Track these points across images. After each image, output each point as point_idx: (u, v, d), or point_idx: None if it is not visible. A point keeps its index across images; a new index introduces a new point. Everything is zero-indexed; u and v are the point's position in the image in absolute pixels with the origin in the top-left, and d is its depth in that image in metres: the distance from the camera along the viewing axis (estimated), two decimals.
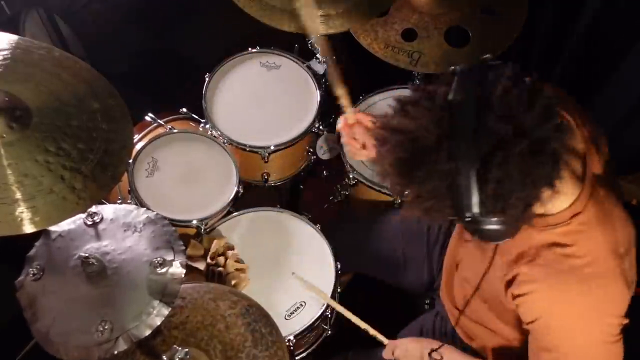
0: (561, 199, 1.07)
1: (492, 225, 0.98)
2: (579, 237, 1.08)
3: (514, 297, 1.16)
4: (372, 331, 1.60)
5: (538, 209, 1.04)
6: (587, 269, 1.07)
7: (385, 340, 1.59)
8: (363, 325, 1.61)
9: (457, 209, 0.95)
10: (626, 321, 1.11)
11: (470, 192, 0.90)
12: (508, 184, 0.90)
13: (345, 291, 1.83)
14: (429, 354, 1.43)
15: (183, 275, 1.36)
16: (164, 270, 1.36)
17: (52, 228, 1.40)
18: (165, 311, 1.31)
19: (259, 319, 1.46)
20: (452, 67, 0.97)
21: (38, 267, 1.35)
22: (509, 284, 1.17)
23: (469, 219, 0.96)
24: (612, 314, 1.09)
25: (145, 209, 1.47)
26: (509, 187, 0.90)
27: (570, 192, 1.07)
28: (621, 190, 1.21)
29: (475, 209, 0.93)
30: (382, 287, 1.89)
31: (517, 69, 0.96)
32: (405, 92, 2.03)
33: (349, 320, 1.65)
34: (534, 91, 0.91)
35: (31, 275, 1.34)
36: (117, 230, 1.43)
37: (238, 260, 1.74)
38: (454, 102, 0.91)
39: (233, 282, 1.68)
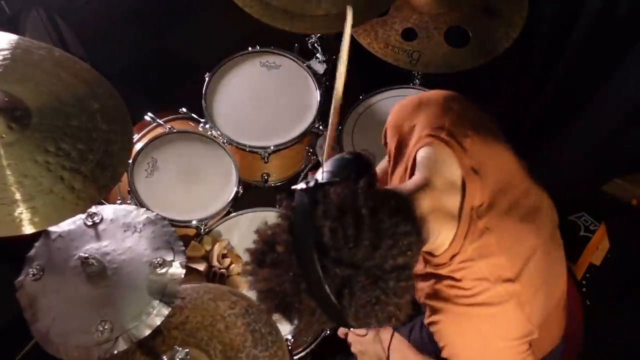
0: (441, 240, 1.10)
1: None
2: (463, 273, 1.11)
3: (428, 325, 1.20)
4: None
5: (425, 247, 1.10)
6: (475, 299, 1.10)
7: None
8: None
9: (342, 327, 1.04)
10: (527, 342, 1.14)
11: (342, 317, 0.96)
12: (364, 311, 0.95)
13: None
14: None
15: (183, 276, 1.37)
16: (163, 270, 1.36)
17: (52, 228, 1.40)
18: (165, 311, 1.32)
19: (259, 319, 1.46)
20: (280, 200, 1.03)
21: (38, 267, 1.36)
22: (427, 311, 1.21)
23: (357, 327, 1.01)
24: (509, 337, 1.13)
25: (145, 209, 1.47)
26: (366, 314, 0.95)
27: (447, 233, 1.09)
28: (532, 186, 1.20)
29: (354, 324, 0.98)
30: None
31: (342, 187, 0.98)
32: (405, 92, 2.04)
33: None
34: (359, 221, 0.94)
35: (31, 275, 1.34)
36: (117, 230, 1.43)
37: (238, 256, 1.74)
38: (297, 247, 0.96)
39: (234, 284, 1.68)
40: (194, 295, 1.51)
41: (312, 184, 1.00)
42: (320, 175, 1.03)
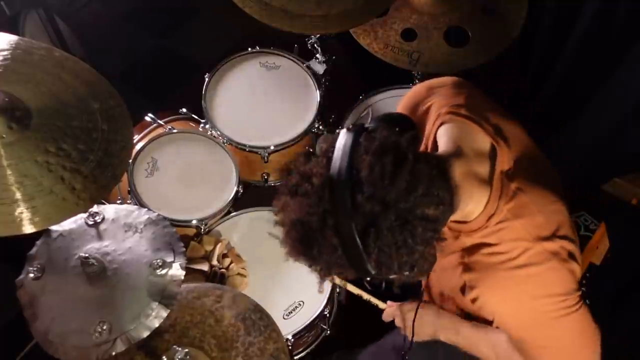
0: (473, 205, 1.11)
1: (401, 277, 1.03)
2: (500, 234, 1.12)
3: (472, 302, 1.20)
4: (367, 296, 1.57)
5: (457, 216, 1.11)
6: (515, 261, 1.11)
7: (383, 305, 1.56)
8: (356, 290, 1.58)
9: (358, 274, 1.01)
10: (579, 293, 1.13)
11: (362, 261, 0.96)
12: (387, 254, 0.95)
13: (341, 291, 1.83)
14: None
15: (182, 278, 1.37)
16: (163, 272, 1.36)
17: (54, 227, 1.40)
18: (164, 313, 1.31)
19: (247, 307, 1.46)
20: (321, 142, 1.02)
21: (38, 266, 1.36)
22: (462, 291, 1.21)
23: (373, 277, 1.01)
24: (554, 293, 1.12)
25: (146, 209, 1.47)
26: (389, 256, 0.96)
27: (480, 198, 1.11)
28: (544, 163, 1.23)
29: (372, 272, 0.98)
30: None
31: (387, 132, 1.01)
32: (405, 92, 2.04)
33: (348, 318, 1.64)
34: (399, 162, 0.95)
35: (31, 274, 1.34)
36: (118, 230, 1.43)
37: (238, 256, 1.74)
38: (331, 180, 0.96)
39: (233, 284, 1.68)
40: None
41: (358, 127, 1.01)
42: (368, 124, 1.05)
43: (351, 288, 1.60)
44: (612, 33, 1.93)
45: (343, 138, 1.00)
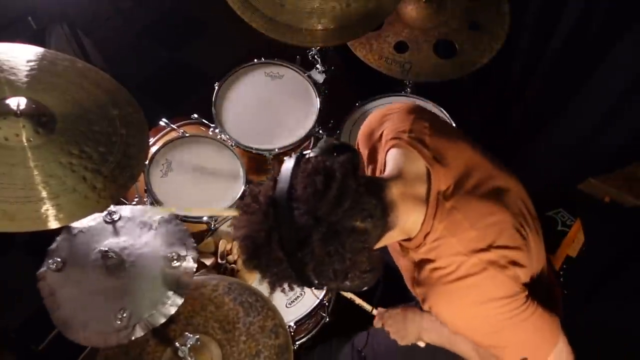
0: (411, 224, 1.11)
1: (345, 285, 1.04)
2: (438, 251, 1.11)
3: (429, 310, 1.18)
4: (358, 300, 1.56)
5: (398, 235, 1.13)
6: (455, 274, 1.10)
7: (372, 309, 1.55)
8: (349, 295, 1.58)
9: (304, 284, 1.03)
10: (524, 294, 1.11)
11: (304, 271, 0.99)
12: (321, 263, 0.98)
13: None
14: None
15: (195, 269, 1.37)
16: (177, 264, 1.36)
17: (74, 224, 1.40)
18: (179, 301, 1.32)
19: (243, 291, 1.47)
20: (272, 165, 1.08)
21: (59, 259, 1.35)
22: (421, 302, 1.20)
23: (317, 287, 1.03)
24: (497, 297, 1.10)
25: (161, 204, 1.46)
26: (323, 265, 0.98)
27: (417, 217, 1.11)
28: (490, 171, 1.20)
29: (314, 281, 1.01)
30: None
31: (322, 156, 1.06)
32: (397, 100, 2.04)
33: (345, 307, 1.63)
34: (328, 180, 0.99)
35: (53, 267, 1.34)
36: (134, 227, 1.43)
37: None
38: (274, 200, 1.00)
39: (243, 278, 1.68)
40: None
41: (298, 154, 1.06)
42: (309, 152, 1.10)
43: (344, 292, 1.59)
44: (587, 43, 1.93)
45: (287, 163, 1.05)
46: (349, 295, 1.57)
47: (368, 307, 1.55)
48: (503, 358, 1.18)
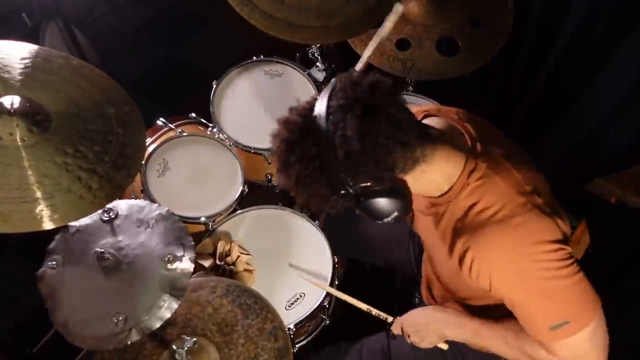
0: (454, 168, 1.14)
1: (371, 199, 1.09)
2: (481, 190, 1.12)
3: (469, 273, 1.16)
4: (375, 311, 1.55)
5: (443, 186, 1.15)
6: (499, 214, 1.10)
7: (390, 318, 1.54)
8: (365, 307, 1.57)
9: (331, 186, 1.08)
10: (563, 247, 1.10)
11: (335, 164, 1.04)
12: (355, 145, 1.02)
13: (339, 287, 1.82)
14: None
15: (192, 271, 1.37)
16: (174, 266, 1.36)
17: (71, 223, 1.40)
18: (175, 305, 1.31)
19: (241, 293, 1.47)
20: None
21: (58, 259, 1.35)
22: (460, 263, 1.17)
23: (345, 193, 1.08)
24: (540, 242, 1.09)
25: (157, 205, 1.47)
26: (359, 149, 1.02)
27: (458, 159, 1.14)
28: (513, 147, 1.25)
29: (344, 179, 1.05)
30: (375, 281, 1.89)
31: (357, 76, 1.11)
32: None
33: (347, 309, 1.64)
34: (363, 75, 1.08)
35: (51, 267, 1.34)
36: (131, 225, 1.43)
37: (242, 249, 1.74)
38: (314, 104, 1.11)
39: (242, 280, 1.68)
40: None
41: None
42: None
43: (362, 305, 1.57)
44: (593, 40, 1.93)
45: (326, 89, 1.10)
46: (365, 307, 1.57)
47: (386, 315, 1.54)
48: (544, 321, 1.12)
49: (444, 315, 1.38)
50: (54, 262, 1.35)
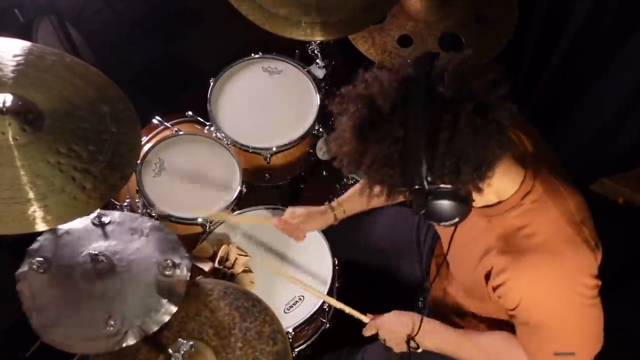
0: (510, 183, 1.10)
1: (439, 200, 0.98)
2: (533, 214, 1.10)
3: (494, 289, 1.16)
4: (349, 309, 1.55)
5: (492, 197, 1.10)
6: (548, 243, 1.08)
7: (365, 319, 1.54)
8: (339, 305, 1.57)
9: (406, 177, 0.96)
10: (599, 282, 1.12)
11: (418, 157, 0.93)
12: (455, 144, 0.92)
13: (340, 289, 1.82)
14: (407, 342, 1.41)
15: (188, 277, 1.36)
16: (171, 272, 1.36)
17: (59, 225, 1.39)
18: (173, 310, 1.31)
19: (239, 296, 1.46)
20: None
21: (42, 261, 1.34)
22: (487, 277, 1.18)
23: (418, 188, 0.96)
24: (582, 277, 1.10)
25: (149, 217, 1.46)
26: (457, 147, 0.93)
27: (516, 175, 1.10)
28: (560, 166, 1.23)
29: (424, 174, 0.94)
30: (376, 284, 1.88)
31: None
32: None
33: (347, 314, 1.63)
34: (486, 65, 0.97)
35: (34, 267, 1.33)
36: (124, 233, 1.43)
37: (240, 251, 1.74)
38: (409, 76, 0.96)
39: (241, 283, 1.68)
40: None
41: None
42: None
43: (333, 302, 1.59)
44: (600, 38, 1.93)
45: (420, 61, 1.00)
46: (338, 304, 1.57)
47: (361, 315, 1.54)
48: (552, 346, 1.14)
49: (419, 324, 1.38)
50: (38, 263, 1.33)
